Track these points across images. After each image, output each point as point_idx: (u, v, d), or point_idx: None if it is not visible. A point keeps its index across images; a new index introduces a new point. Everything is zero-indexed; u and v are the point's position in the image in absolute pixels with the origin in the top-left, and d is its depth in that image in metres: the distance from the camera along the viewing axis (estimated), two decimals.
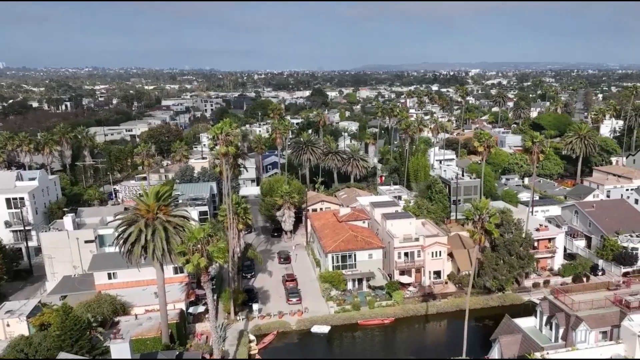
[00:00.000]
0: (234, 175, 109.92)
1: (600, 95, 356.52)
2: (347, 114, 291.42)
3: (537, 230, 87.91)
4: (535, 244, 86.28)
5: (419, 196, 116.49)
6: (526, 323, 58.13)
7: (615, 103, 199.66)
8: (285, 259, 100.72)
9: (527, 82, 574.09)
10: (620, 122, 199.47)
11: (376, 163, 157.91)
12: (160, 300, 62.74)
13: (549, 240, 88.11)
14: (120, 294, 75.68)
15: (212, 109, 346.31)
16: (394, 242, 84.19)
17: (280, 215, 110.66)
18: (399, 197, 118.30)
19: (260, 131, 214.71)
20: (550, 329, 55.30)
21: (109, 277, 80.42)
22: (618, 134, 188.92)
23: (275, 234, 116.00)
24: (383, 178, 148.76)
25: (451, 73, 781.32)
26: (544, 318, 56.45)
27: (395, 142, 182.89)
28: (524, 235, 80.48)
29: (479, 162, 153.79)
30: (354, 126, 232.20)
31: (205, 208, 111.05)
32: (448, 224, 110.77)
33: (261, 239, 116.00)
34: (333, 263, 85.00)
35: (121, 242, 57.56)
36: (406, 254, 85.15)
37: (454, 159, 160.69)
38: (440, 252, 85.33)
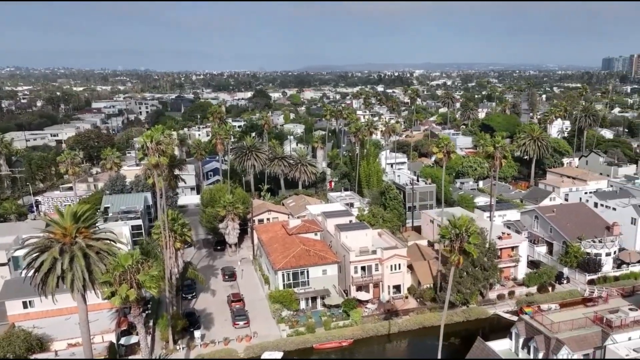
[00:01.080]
0: (170, 187, 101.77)
1: (544, 96, 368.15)
2: (292, 115, 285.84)
3: (500, 238, 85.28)
4: (498, 252, 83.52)
5: (373, 203, 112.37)
6: (500, 346, 54.22)
7: (565, 104, 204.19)
8: (230, 275, 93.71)
9: (471, 83, 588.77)
10: (567, 123, 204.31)
11: (325, 168, 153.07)
12: (83, 337, 54.60)
13: (512, 248, 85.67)
14: (38, 326, 67.27)
15: (147, 112, 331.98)
16: (350, 255, 79.12)
17: (223, 227, 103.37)
18: (351, 205, 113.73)
19: (199, 135, 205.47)
20: (528, 352, 51.55)
21: (25, 305, 71.26)
22: (566, 135, 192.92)
23: (219, 248, 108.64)
24: (333, 183, 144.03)
25: (396, 74, 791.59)
26: (521, 341, 52.65)
27: (344, 145, 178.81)
28: (487, 245, 77.35)
29: (432, 164, 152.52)
30: (299, 129, 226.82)
31: (139, 222, 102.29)
32: (404, 232, 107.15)
33: (203, 254, 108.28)
34: (284, 281, 78.91)
35: (32, 271, 49.17)
36: (363, 268, 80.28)
37: (405, 162, 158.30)
38: (399, 265, 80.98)
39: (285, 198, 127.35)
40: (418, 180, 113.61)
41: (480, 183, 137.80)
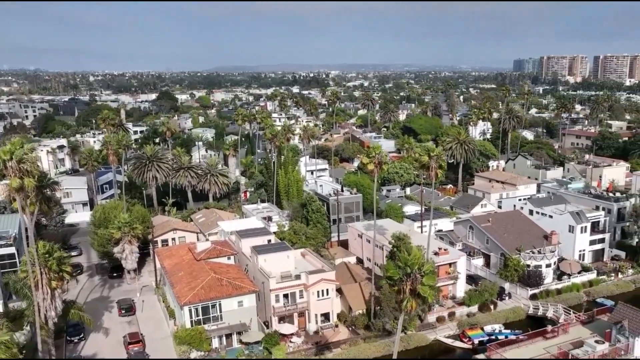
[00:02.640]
0: (42, 212, 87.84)
1: (461, 97, 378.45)
2: (201, 119, 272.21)
3: (436, 254, 79.81)
4: (436, 270, 77.75)
5: (293, 216, 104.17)
6: None
7: (489, 105, 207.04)
8: (128, 309, 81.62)
9: (388, 84, 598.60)
10: (489, 124, 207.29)
11: (238, 177, 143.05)
12: None
13: (450, 264, 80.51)
14: None
15: (34, 115, 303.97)
16: (270, 282, 70.19)
17: (119, 251, 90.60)
18: (269, 218, 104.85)
19: (95, 142, 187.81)
20: None
21: None
22: (488, 137, 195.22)
23: (115, 274, 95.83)
24: (248, 194, 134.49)
25: (311, 75, 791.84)
26: None
27: (259, 151, 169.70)
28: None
29: (355, 170, 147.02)
30: (209, 133, 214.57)
31: (12, 249, 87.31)
32: (329, 247, 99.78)
33: (95, 283, 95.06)
34: (191, 317, 68.48)
35: None
36: (286, 296, 71.68)
37: (327, 169, 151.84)
38: (327, 290, 73.07)
39: (194, 213, 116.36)
40: (342, 190, 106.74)
41: (408, 190, 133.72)
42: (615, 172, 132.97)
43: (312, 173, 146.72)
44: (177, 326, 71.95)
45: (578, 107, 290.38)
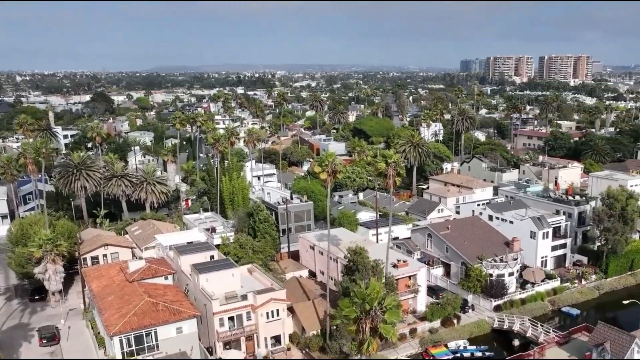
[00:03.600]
0: None
1: (410, 98, 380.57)
2: (139, 122, 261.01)
3: (395, 266, 75.74)
4: (395, 283, 73.78)
5: (239, 227, 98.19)
6: None
7: (441, 107, 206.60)
8: (50, 338, 73.55)
9: (336, 84, 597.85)
10: (440, 125, 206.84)
11: (179, 184, 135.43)
12: None
13: (410, 277, 76.62)
14: None
15: None
16: (213, 305, 64.11)
17: (40, 272, 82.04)
18: (213, 230, 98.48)
19: (17, 148, 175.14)
20: None
21: None
22: (440, 139, 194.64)
23: (37, 297, 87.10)
24: (190, 202, 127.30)
25: (256, 75, 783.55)
26: None
27: (202, 155, 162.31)
28: (384, 280, 66.97)
29: (304, 174, 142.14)
30: (148, 137, 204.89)
31: None
32: (279, 260, 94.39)
33: (13, 307, 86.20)
34: (123, 348, 61.54)
35: None
36: (231, 319, 65.80)
37: (274, 174, 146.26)
38: (277, 310, 67.61)
39: (130, 224, 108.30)
40: (292, 198, 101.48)
41: (361, 195, 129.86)
42: (571, 174, 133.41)
43: (259, 178, 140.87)
44: (107, 357, 64.93)
45: (527, 108, 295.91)
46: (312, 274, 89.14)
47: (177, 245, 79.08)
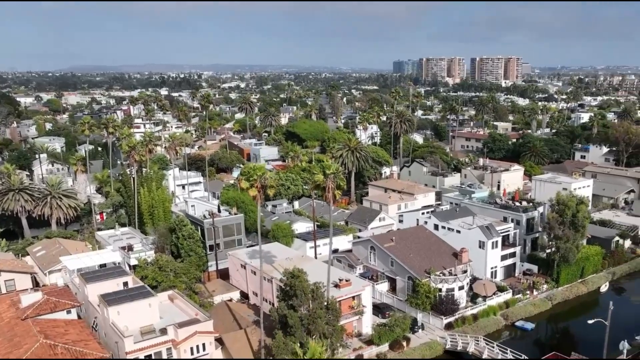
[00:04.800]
0: None
1: (344, 99, 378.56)
2: (49, 126, 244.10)
3: (337, 286, 69.82)
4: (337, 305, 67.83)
5: (160, 244, 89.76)
6: None
7: (378, 109, 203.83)
8: None
9: (267, 85, 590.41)
10: (375, 127, 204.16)
11: (93, 195, 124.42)
12: None
13: (354, 297, 70.95)
14: None
15: None
16: (126, 343, 55.82)
17: None
18: (130, 248, 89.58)
19: None
20: None
21: None
22: (377, 141, 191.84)
23: None
24: (104, 215, 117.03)
25: (182, 75, 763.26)
26: None
27: (120, 162, 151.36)
28: (326, 303, 60.80)
29: (234, 182, 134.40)
30: (59, 143, 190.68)
31: None
32: (206, 281, 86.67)
33: None
34: None
35: None
36: (149, 358, 57.67)
37: (201, 182, 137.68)
38: (203, 345, 60.06)
39: (31, 244, 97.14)
40: (219, 210, 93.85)
41: (296, 203, 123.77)
42: (513, 177, 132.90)
43: (183, 188, 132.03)
44: None
45: (464, 109, 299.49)
46: (244, 296, 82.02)
47: (83, 272, 69.82)
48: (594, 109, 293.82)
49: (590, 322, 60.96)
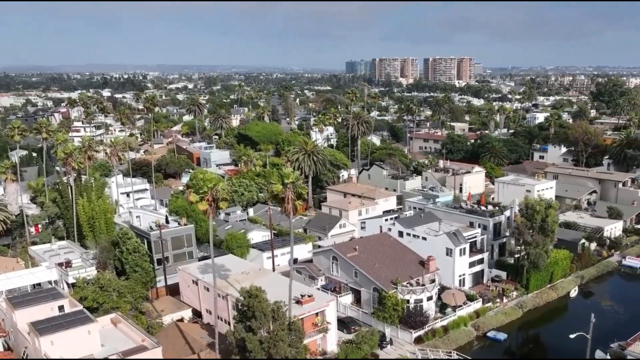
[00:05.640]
0: None
1: (297, 100, 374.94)
2: None
3: (299, 302, 65.70)
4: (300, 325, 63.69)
5: (102, 259, 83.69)
6: None
7: (336, 111, 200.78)
8: None
9: (216, 86, 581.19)
10: (331, 129, 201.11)
11: (25, 205, 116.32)
12: None
13: (317, 314, 66.97)
14: None
15: None
16: None
17: None
18: (68, 264, 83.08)
19: None
20: None
21: None
22: (333, 144, 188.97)
23: None
24: (40, 228, 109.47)
25: (125, 76, 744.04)
26: None
27: (57, 169, 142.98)
28: (288, 323, 56.55)
29: (183, 190, 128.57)
30: None
31: None
32: (154, 298, 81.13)
33: None
34: None
35: None
36: None
37: (147, 189, 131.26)
38: None
39: None
40: (167, 221, 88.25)
41: (251, 211, 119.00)
42: (475, 179, 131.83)
43: (128, 195, 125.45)
44: None
45: (420, 109, 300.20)
46: (197, 314, 76.98)
47: (12, 295, 63.43)
48: (548, 109, 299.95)
49: (572, 336, 58.85)
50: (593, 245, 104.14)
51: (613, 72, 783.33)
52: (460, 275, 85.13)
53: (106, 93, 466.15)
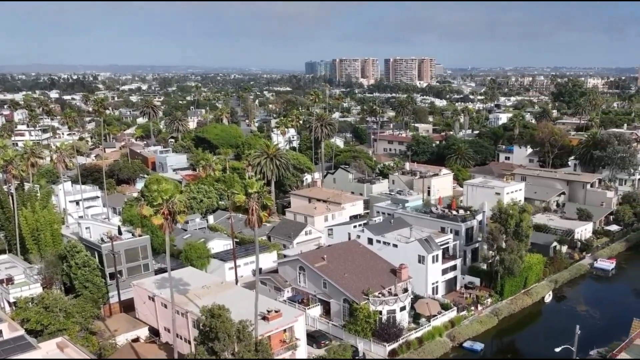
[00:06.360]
0: None
1: (257, 101, 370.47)
2: None
3: (265, 318, 62.13)
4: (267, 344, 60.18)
5: (48, 274, 78.35)
6: None
7: (298, 113, 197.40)
8: None
9: (171, 87, 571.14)
10: (293, 131, 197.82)
11: None
12: None
13: (285, 330, 63.55)
14: None
15: None
16: None
17: None
18: (9, 281, 77.52)
19: None
20: None
21: None
22: (295, 146, 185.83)
23: None
24: None
25: (75, 77, 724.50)
26: None
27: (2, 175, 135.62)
28: (255, 343, 53.02)
29: (139, 195, 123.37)
30: None
31: None
32: (107, 316, 76.31)
33: None
34: None
35: None
36: None
37: (98, 197, 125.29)
38: None
39: None
40: (120, 232, 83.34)
41: (211, 218, 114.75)
42: (443, 182, 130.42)
43: (77, 204, 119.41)
44: None
45: (384, 110, 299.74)
46: (154, 332, 72.54)
47: None
48: (511, 110, 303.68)
49: (557, 349, 57.03)
50: (564, 248, 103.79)
51: (570, 73, 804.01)
52: (433, 283, 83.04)
53: (54, 94, 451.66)
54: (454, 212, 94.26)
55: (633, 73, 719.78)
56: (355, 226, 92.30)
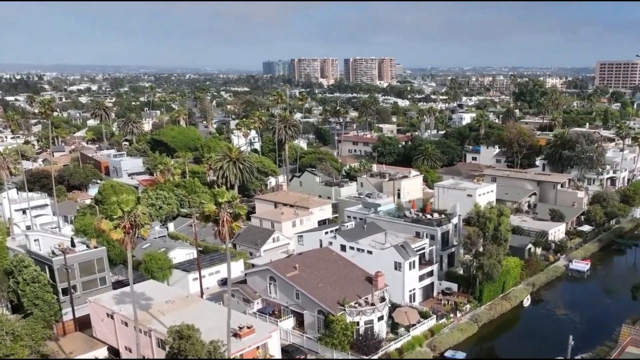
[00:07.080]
0: None
1: (214, 102, 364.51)
2: None
3: (237, 336, 58.65)
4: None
5: None
6: None
7: (260, 113, 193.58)
8: None
9: (123, 88, 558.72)
10: (254, 133, 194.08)
11: None
12: None
13: (258, 347, 60.21)
14: None
15: None
16: None
17: None
18: None
19: None
20: None
21: None
22: (257, 148, 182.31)
23: None
24: None
25: (18, 77, 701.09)
26: None
27: None
28: None
29: (91, 201, 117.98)
30: None
31: None
32: (60, 336, 71.44)
33: None
34: None
35: None
36: None
37: (47, 205, 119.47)
38: None
39: None
40: (73, 244, 78.46)
41: (171, 225, 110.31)
42: (413, 184, 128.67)
43: (24, 213, 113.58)
44: None
45: (348, 111, 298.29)
46: (114, 352, 68.18)
47: None
48: (473, 109, 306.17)
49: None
50: (539, 250, 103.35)
51: (528, 73, 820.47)
52: (410, 291, 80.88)
53: None
54: (429, 216, 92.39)
55: (588, 73, 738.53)
56: (326, 232, 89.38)
